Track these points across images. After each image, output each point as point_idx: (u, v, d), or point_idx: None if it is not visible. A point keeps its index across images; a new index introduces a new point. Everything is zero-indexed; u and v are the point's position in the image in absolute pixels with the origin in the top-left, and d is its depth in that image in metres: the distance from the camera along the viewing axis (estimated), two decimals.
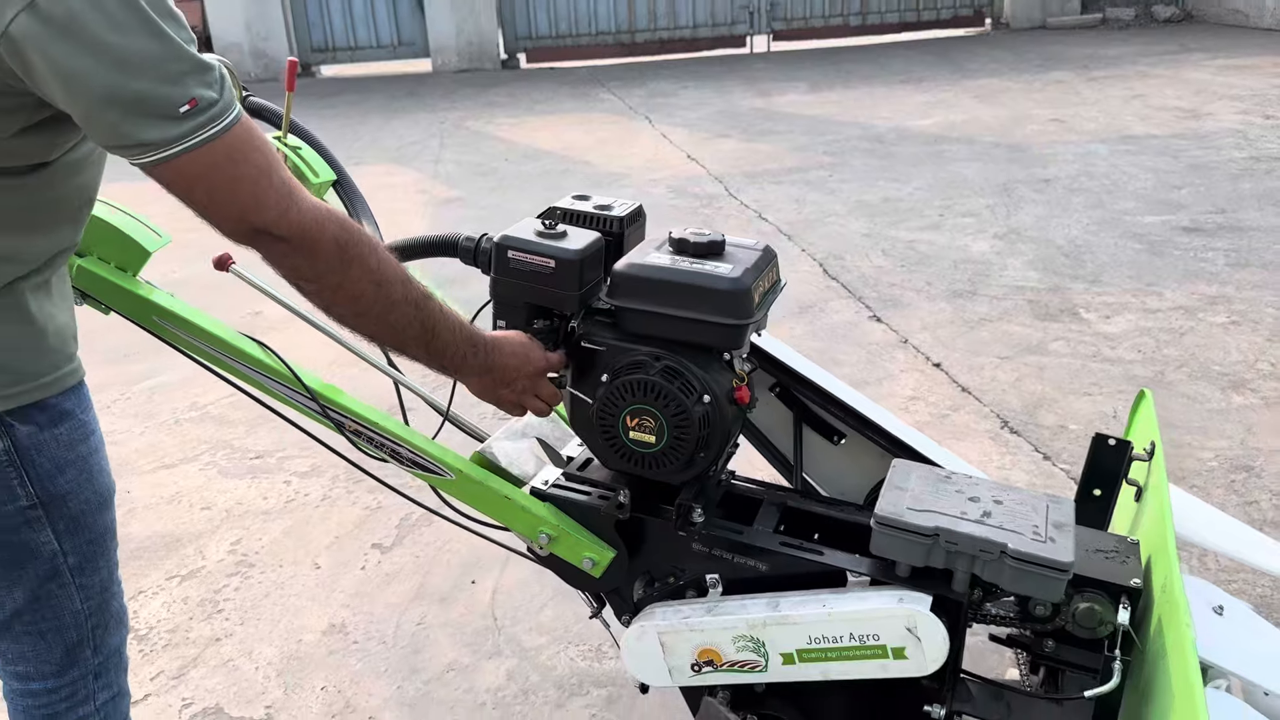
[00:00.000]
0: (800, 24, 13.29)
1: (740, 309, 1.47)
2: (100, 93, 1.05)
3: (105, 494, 1.44)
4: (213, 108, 1.10)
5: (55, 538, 1.36)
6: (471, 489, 1.62)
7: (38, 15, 1.01)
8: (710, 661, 1.62)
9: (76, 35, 1.02)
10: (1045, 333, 3.94)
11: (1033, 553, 1.43)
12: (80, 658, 1.47)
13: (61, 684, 1.48)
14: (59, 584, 1.40)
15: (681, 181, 6.56)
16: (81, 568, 1.41)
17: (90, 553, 1.42)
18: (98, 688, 1.52)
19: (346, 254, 1.25)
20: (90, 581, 1.44)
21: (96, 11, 1.02)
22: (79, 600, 1.43)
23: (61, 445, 1.33)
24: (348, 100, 10.49)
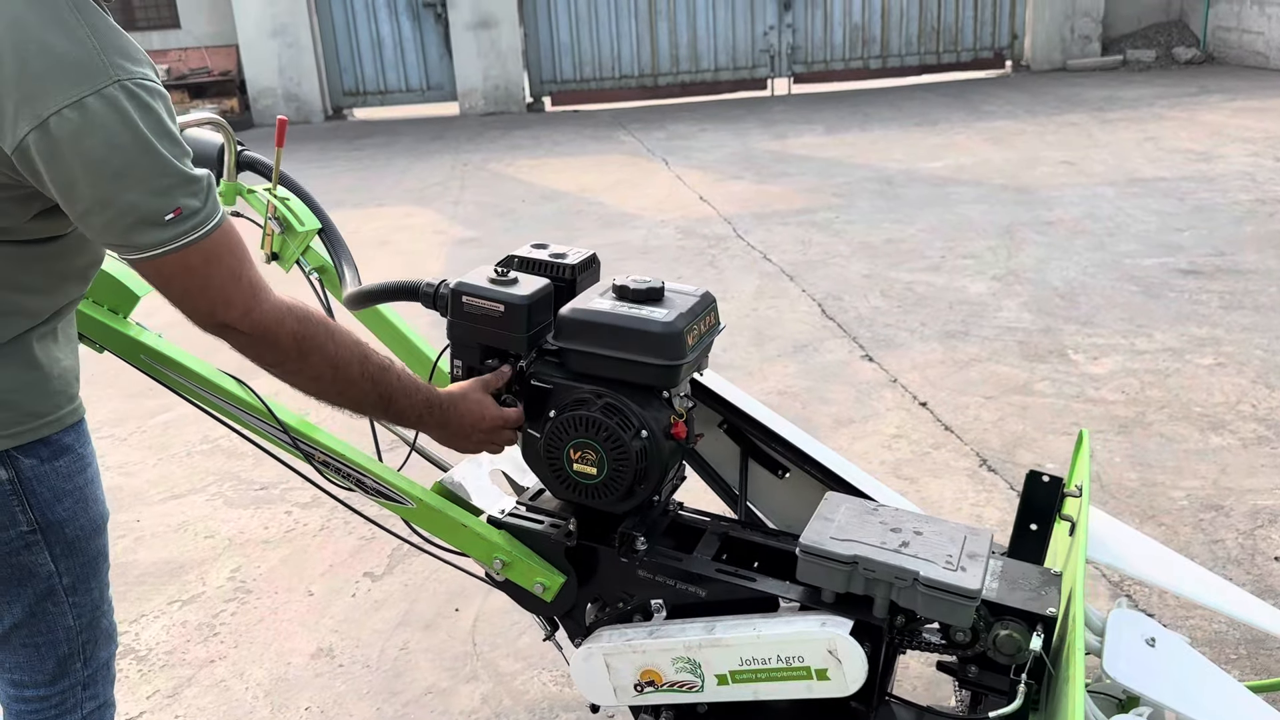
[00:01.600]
0: (821, 67, 13.48)
1: (673, 350, 1.59)
2: (94, 200, 1.21)
3: (99, 521, 1.56)
4: (195, 215, 1.25)
5: (52, 560, 1.49)
6: (431, 517, 1.75)
7: (47, 134, 1.17)
8: (652, 682, 1.72)
9: (78, 153, 1.18)
10: (1032, 373, 4.01)
11: (942, 580, 1.53)
12: (71, 669, 1.59)
13: (53, 693, 1.60)
14: (54, 602, 1.52)
15: (691, 222, 6.71)
16: (75, 588, 1.54)
17: (84, 574, 1.55)
18: (85, 698, 1.63)
19: (304, 345, 1.40)
20: (83, 600, 1.56)
21: (98, 133, 1.18)
22: (71, 617, 1.56)
23: (60, 477, 1.46)
24: (376, 142, 10.78)
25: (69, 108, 1.16)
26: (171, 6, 13.11)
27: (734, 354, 4.41)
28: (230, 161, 2.10)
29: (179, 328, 1.46)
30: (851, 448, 3.51)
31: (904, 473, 3.33)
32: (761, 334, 4.64)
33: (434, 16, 12.53)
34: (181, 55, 12.90)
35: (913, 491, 3.20)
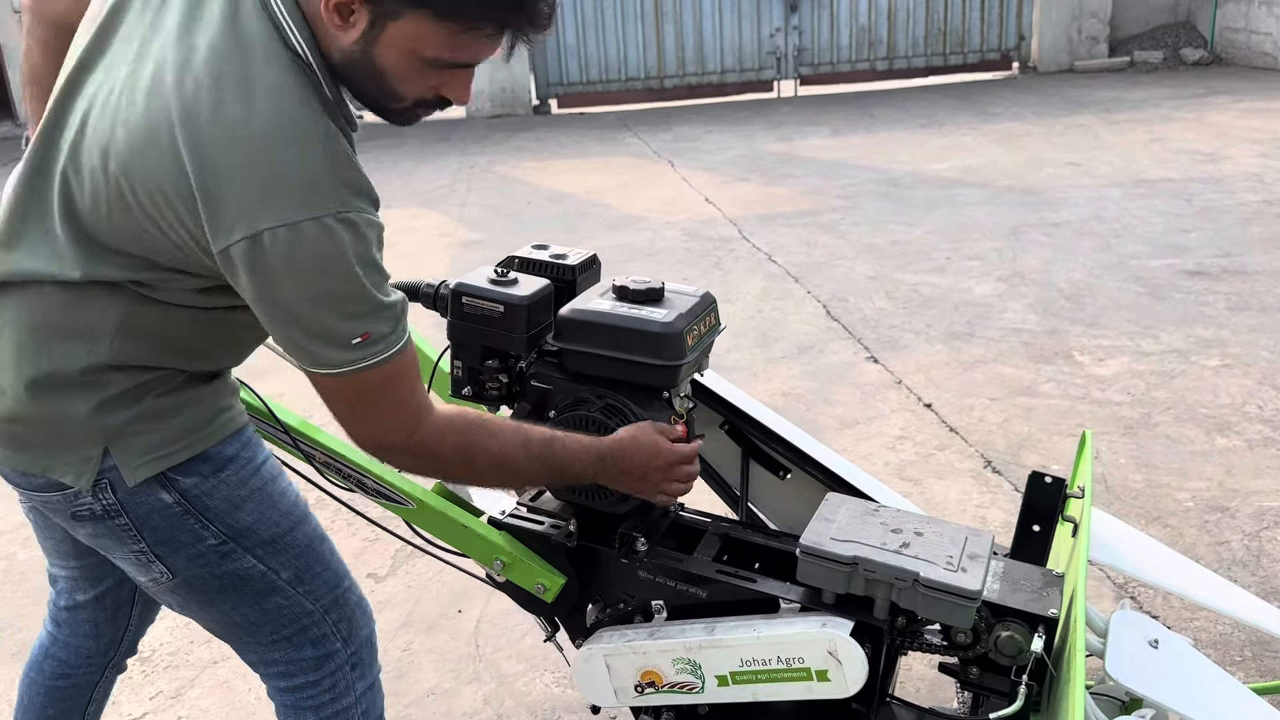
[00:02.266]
0: (827, 69, 13.46)
1: (672, 351, 1.59)
2: (287, 314, 1.22)
3: (295, 513, 1.55)
4: (382, 341, 1.26)
5: (259, 560, 1.47)
6: (432, 517, 1.75)
7: (258, 246, 1.17)
8: (652, 683, 1.72)
9: (284, 270, 1.18)
10: (1037, 374, 4.00)
11: (943, 581, 1.53)
12: (332, 652, 1.59)
13: (321, 677, 1.59)
14: (283, 596, 1.51)
15: (697, 224, 6.71)
16: (300, 578, 1.52)
17: (303, 563, 1.53)
18: (355, 678, 1.63)
19: (467, 453, 1.41)
20: (315, 586, 1.55)
21: (307, 257, 1.18)
22: (309, 602, 1.54)
23: (231, 486, 1.44)
24: (383, 145, 10.79)
25: (285, 228, 1.17)
26: None
27: (738, 355, 4.41)
28: None
29: None
30: (856, 449, 3.51)
31: (908, 474, 3.32)
32: (766, 335, 4.64)
33: None
34: None
35: (917, 493, 3.19)
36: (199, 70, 1.19)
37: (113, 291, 1.29)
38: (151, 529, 1.40)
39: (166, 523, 1.40)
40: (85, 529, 1.42)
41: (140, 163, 1.20)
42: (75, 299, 1.29)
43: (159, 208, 1.21)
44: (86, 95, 1.27)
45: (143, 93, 1.20)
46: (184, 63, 1.20)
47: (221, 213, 1.17)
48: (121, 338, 1.31)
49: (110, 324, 1.31)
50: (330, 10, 1.23)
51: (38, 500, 1.42)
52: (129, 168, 1.20)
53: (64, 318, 1.30)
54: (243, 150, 1.17)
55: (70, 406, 1.33)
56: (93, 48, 1.29)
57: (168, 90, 1.19)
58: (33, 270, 1.28)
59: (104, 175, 1.22)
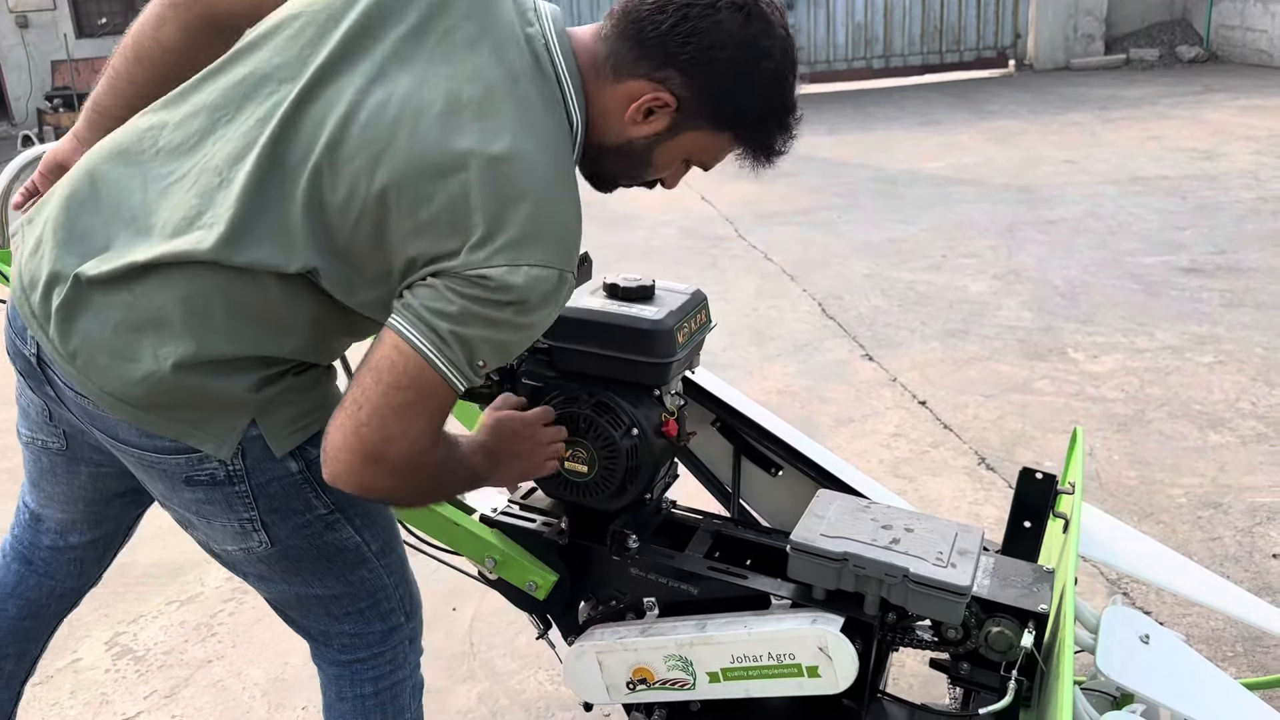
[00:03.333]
0: (824, 67, 13.48)
1: (663, 348, 1.59)
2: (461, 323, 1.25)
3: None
4: (480, 374, 1.30)
5: (356, 531, 1.53)
6: (424, 515, 1.75)
7: (514, 273, 1.22)
8: (644, 680, 1.72)
9: (506, 304, 1.24)
10: (1032, 371, 4.01)
11: (932, 577, 1.53)
12: (397, 625, 1.64)
13: (385, 649, 1.64)
14: (369, 569, 1.56)
15: (693, 223, 6.71)
16: (384, 550, 1.58)
17: (387, 536, 1.60)
18: (411, 651, 1.69)
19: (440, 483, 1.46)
20: (392, 561, 1.61)
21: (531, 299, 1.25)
22: (386, 576, 1.60)
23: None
24: None
25: (539, 267, 1.24)
26: None
27: (734, 353, 4.42)
28: None
29: None
30: (850, 446, 3.51)
31: (903, 471, 3.33)
32: (762, 334, 4.64)
33: None
34: None
35: (911, 490, 3.19)
36: (500, 107, 1.27)
37: (313, 292, 1.33)
38: (268, 497, 1.43)
39: (284, 491, 1.44)
40: (192, 493, 1.42)
41: (417, 178, 1.24)
42: (282, 292, 1.32)
43: (416, 226, 1.25)
44: (344, 99, 1.28)
45: (435, 117, 1.25)
46: (486, 98, 1.27)
47: (494, 236, 1.22)
48: (305, 334, 1.37)
49: (301, 321, 1.35)
50: (636, 108, 1.36)
51: (148, 459, 1.40)
52: (403, 180, 1.24)
53: (263, 307, 1.33)
54: (533, 189, 1.24)
55: (234, 383, 1.35)
56: (342, 53, 1.31)
57: (466, 121, 1.25)
58: (255, 260, 1.29)
59: (368, 179, 1.25)
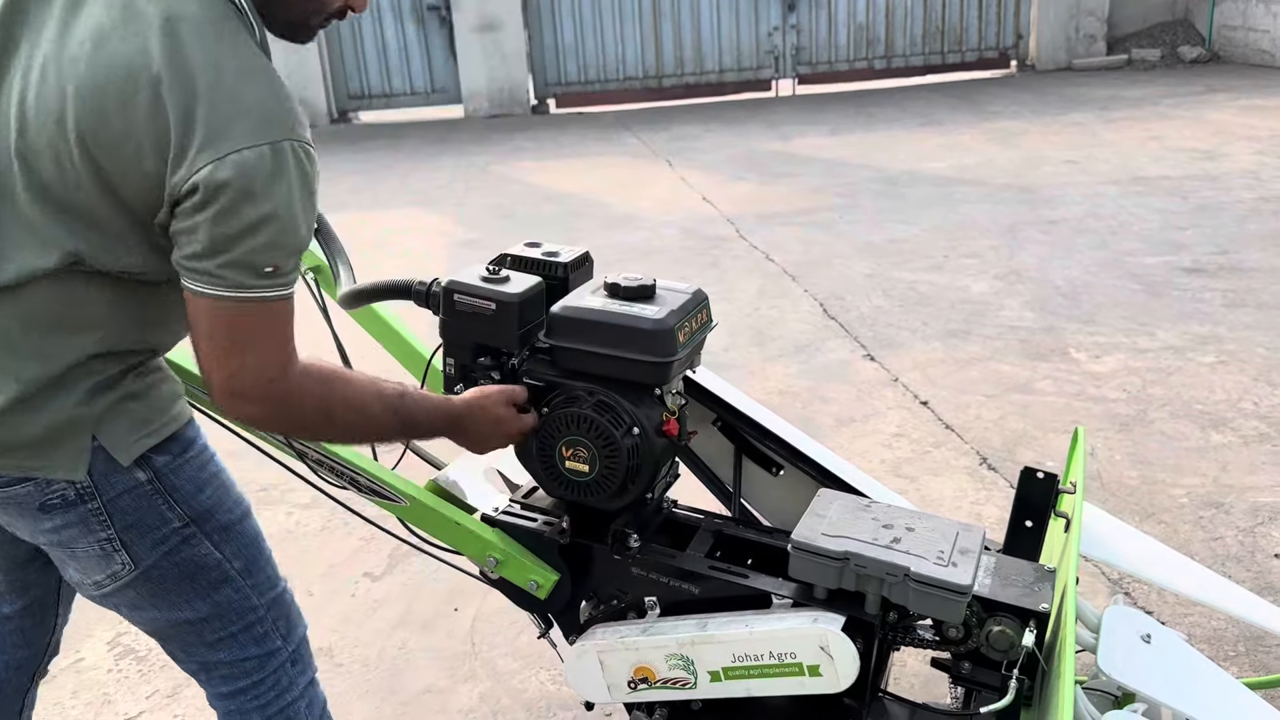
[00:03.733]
0: (825, 68, 13.46)
1: (664, 347, 1.59)
2: (220, 236, 1.24)
3: (245, 503, 1.59)
4: (284, 278, 1.29)
5: (215, 548, 1.51)
6: (424, 515, 1.75)
7: (221, 168, 1.21)
8: (645, 679, 1.72)
9: (238, 190, 1.22)
10: (1034, 371, 4.01)
11: (933, 575, 1.53)
12: (274, 649, 1.61)
13: (265, 676, 1.62)
14: (233, 588, 1.54)
15: (694, 223, 6.71)
16: (248, 570, 1.56)
17: (251, 555, 1.57)
18: (295, 674, 1.66)
19: (326, 405, 1.41)
20: (259, 581, 1.58)
21: (259, 180, 1.23)
22: (255, 597, 1.57)
23: (194, 467, 1.49)
24: (381, 145, 10.80)
25: (249, 149, 1.22)
26: None
27: (735, 354, 4.42)
28: None
29: None
30: (852, 446, 3.51)
31: (904, 471, 3.33)
32: (763, 334, 4.64)
33: (438, 20, 12.56)
34: None
35: (913, 490, 3.19)
36: (150, 19, 1.24)
37: (90, 276, 1.32)
38: (121, 512, 1.42)
39: (135, 504, 1.42)
40: (51, 520, 1.41)
41: (101, 117, 1.23)
42: (62, 291, 1.31)
43: (125, 158, 1.24)
44: (14, 86, 1.28)
45: (85, 56, 1.24)
46: (128, 16, 1.24)
47: (186, 145, 1.21)
48: (112, 322, 1.35)
49: (100, 311, 1.34)
50: None
51: (2, 497, 1.41)
52: (91, 126, 1.23)
53: (57, 312, 1.32)
54: (206, 86, 1.22)
55: (62, 403, 1.34)
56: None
57: (114, 45, 1.23)
58: (22, 270, 1.29)
59: (65, 143, 1.25)
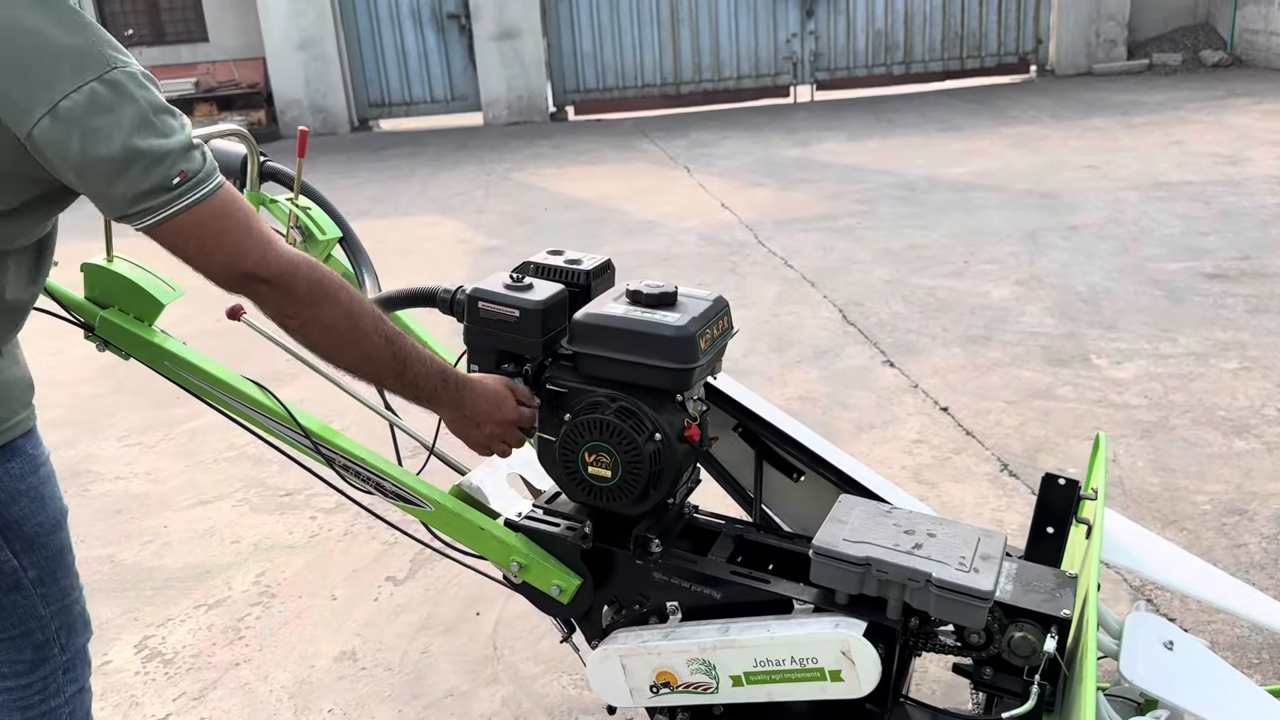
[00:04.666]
0: (844, 74, 13.47)
1: (685, 354, 1.61)
2: (109, 175, 1.29)
3: (57, 517, 1.63)
4: (198, 175, 1.33)
5: (14, 556, 1.56)
6: (449, 520, 1.77)
7: (58, 118, 1.25)
8: (667, 683, 1.73)
9: (89, 132, 1.26)
10: (1055, 378, 4.00)
11: (955, 581, 1.53)
12: (49, 655, 1.66)
13: (34, 680, 1.66)
14: (23, 595, 1.59)
15: (713, 229, 6.73)
16: (42, 580, 1.61)
17: (49, 567, 1.62)
18: (65, 681, 1.71)
19: (318, 291, 1.44)
20: (51, 591, 1.63)
21: (105, 113, 1.26)
22: (42, 606, 1.63)
23: (13, 478, 1.53)
24: (401, 153, 10.87)
25: (76, 92, 1.25)
26: (200, 20, 13.28)
27: (755, 360, 4.42)
28: (253, 172, 2.13)
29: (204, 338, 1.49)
30: (872, 453, 3.51)
31: (925, 478, 3.33)
32: (782, 340, 4.64)
33: (458, 28, 12.64)
34: (209, 69, 13.09)
35: (933, 496, 3.19)
36: None
37: None
38: None
39: None
40: None
41: None
42: None
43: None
44: None
45: None
46: None
47: (16, 101, 1.25)
48: None
49: None
50: None
51: None
52: None
53: None
54: (10, 42, 1.25)
55: None
56: None
57: None
58: None
59: None
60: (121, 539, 3.30)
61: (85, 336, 1.78)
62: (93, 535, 3.33)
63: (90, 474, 3.78)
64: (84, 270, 1.75)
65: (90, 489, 3.67)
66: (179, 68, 13.08)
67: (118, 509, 3.51)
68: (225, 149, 2.15)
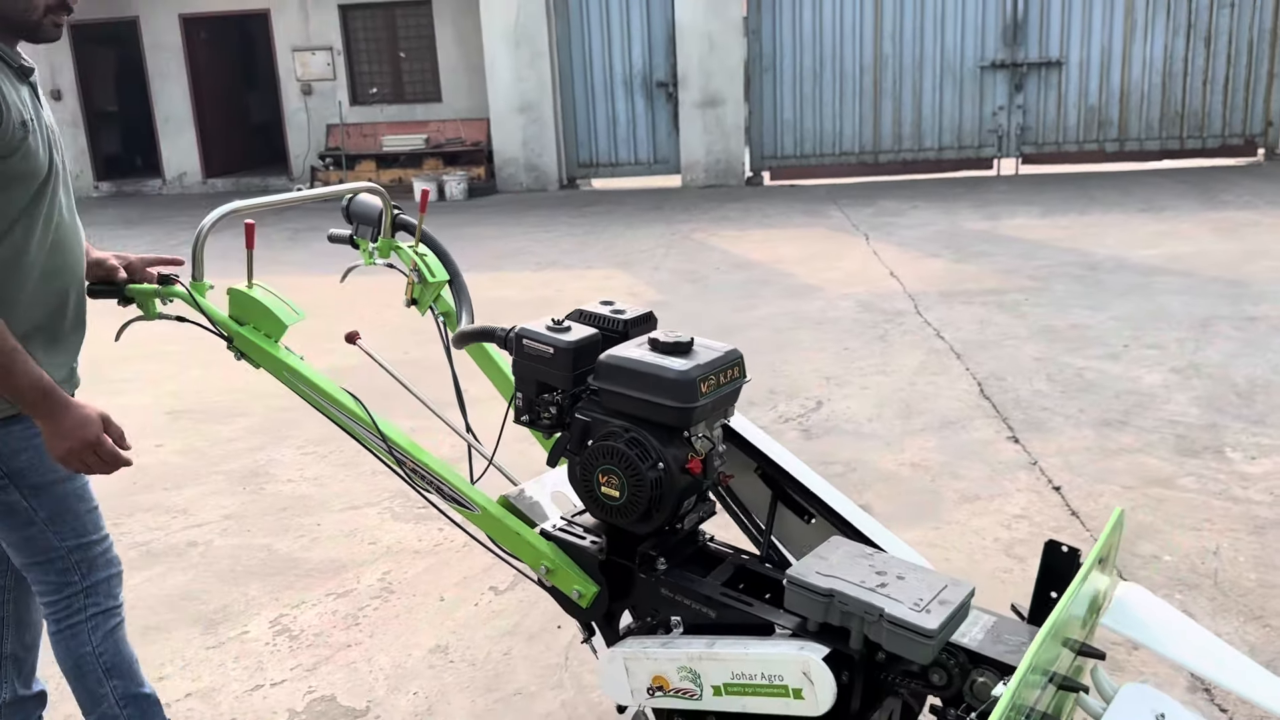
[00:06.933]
0: (1052, 148, 13.17)
1: (686, 394, 1.85)
2: None
3: (60, 474, 2.04)
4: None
5: (23, 499, 2.02)
6: (491, 523, 2.08)
7: None
8: (660, 687, 1.95)
9: None
10: (1180, 467, 3.90)
11: (903, 618, 1.69)
12: (70, 581, 2.11)
13: (60, 599, 2.13)
14: (38, 530, 2.06)
15: (874, 297, 6.83)
16: (53, 520, 2.06)
17: (58, 510, 2.06)
18: (87, 604, 2.15)
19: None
20: (63, 530, 2.08)
21: None
22: (56, 540, 2.08)
23: (15, 438, 1.99)
24: (599, 210, 11.52)
25: None
26: (436, 83, 14.58)
27: (878, 425, 4.53)
28: (387, 221, 2.55)
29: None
30: (968, 523, 3.57)
31: (1015, 552, 3.36)
32: (911, 408, 4.73)
33: (665, 96, 13.29)
34: (440, 126, 14.31)
35: (1019, 569, 3.23)
36: None
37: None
38: None
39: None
40: None
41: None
42: None
43: None
44: None
45: None
46: None
47: None
48: None
49: None
50: None
51: None
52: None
53: None
54: None
55: None
56: None
57: None
58: None
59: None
60: (280, 532, 3.82)
61: (227, 347, 2.21)
62: (259, 527, 3.86)
63: (267, 475, 4.36)
64: (229, 294, 2.19)
65: (265, 488, 4.23)
66: (413, 124, 14.39)
67: (283, 507, 4.04)
68: (367, 201, 2.58)
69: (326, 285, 3.78)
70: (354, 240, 2.58)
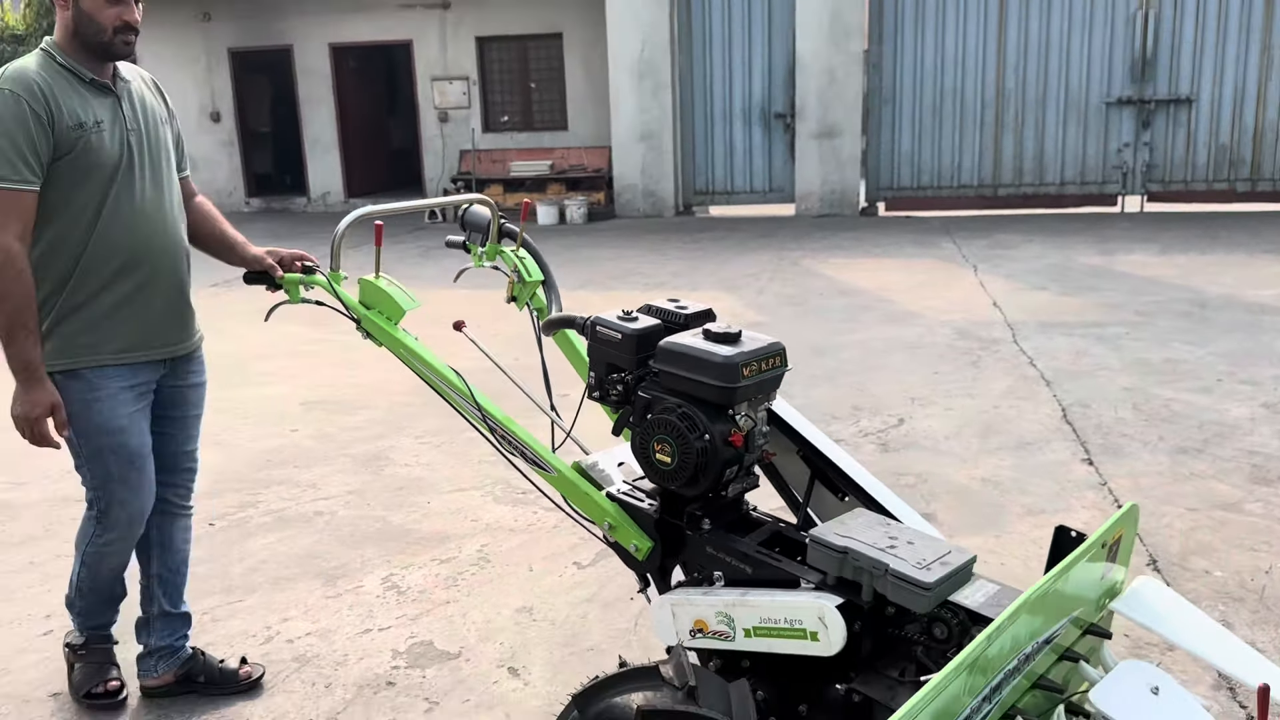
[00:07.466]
0: (1179, 186, 12.93)
1: (728, 376, 2.16)
2: None
3: (100, 428, 2.59)
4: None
5: (75, 434, 2.60)
6: (565, 484, 2.43)
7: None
8: (700, 629, 2.26)
9: None
10: (1250, 494, 3.98)
11: (904, 572, 1.97)
12: (92, 499, 2.73)
13: (93, 496, 2.72)
14: (79, 457, 2.66)
15: (972, 325, 6.97)
16: (92, 456, 2.64)
17: (91, 451, 2.63)
18: (100, 497, 2.70)
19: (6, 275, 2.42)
20: (95, 466, 2.65)
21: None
22: (87, 470, 2.68)
23: (71, 390, 2.56)
24: (711, 236, 11.88)
25: None
26: (563, 112, 15.25)
27: (955, 443, 4.72)
28: (494, 228, 2.95)
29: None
30: (1030, 534, 3.75)
31: None
32: (990, 429, 4.89)
33: (783, 126, 13.59)
34: (564, 153, 14.94)
35: None
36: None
37: None
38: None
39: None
40: None
41: None
42: None
43: None
44: None
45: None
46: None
47: None
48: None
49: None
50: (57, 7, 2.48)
51: None
52: None
53: None
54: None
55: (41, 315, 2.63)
56: None
57: None
58: None
59: None
60: (395, 507, 4.26)
61: (356, 328, 2.63)
62: (377, 501, 4.32)
63: (387, 459, 4.83)
64: (359, 283, 2.61)
65: (384, 470, 4.70)
66: (540, 151, 15.07)
67: (400, 486, 4.49)
68: (478, 212, 2.98)
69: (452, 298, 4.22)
70: (466, 245, 2.99)
